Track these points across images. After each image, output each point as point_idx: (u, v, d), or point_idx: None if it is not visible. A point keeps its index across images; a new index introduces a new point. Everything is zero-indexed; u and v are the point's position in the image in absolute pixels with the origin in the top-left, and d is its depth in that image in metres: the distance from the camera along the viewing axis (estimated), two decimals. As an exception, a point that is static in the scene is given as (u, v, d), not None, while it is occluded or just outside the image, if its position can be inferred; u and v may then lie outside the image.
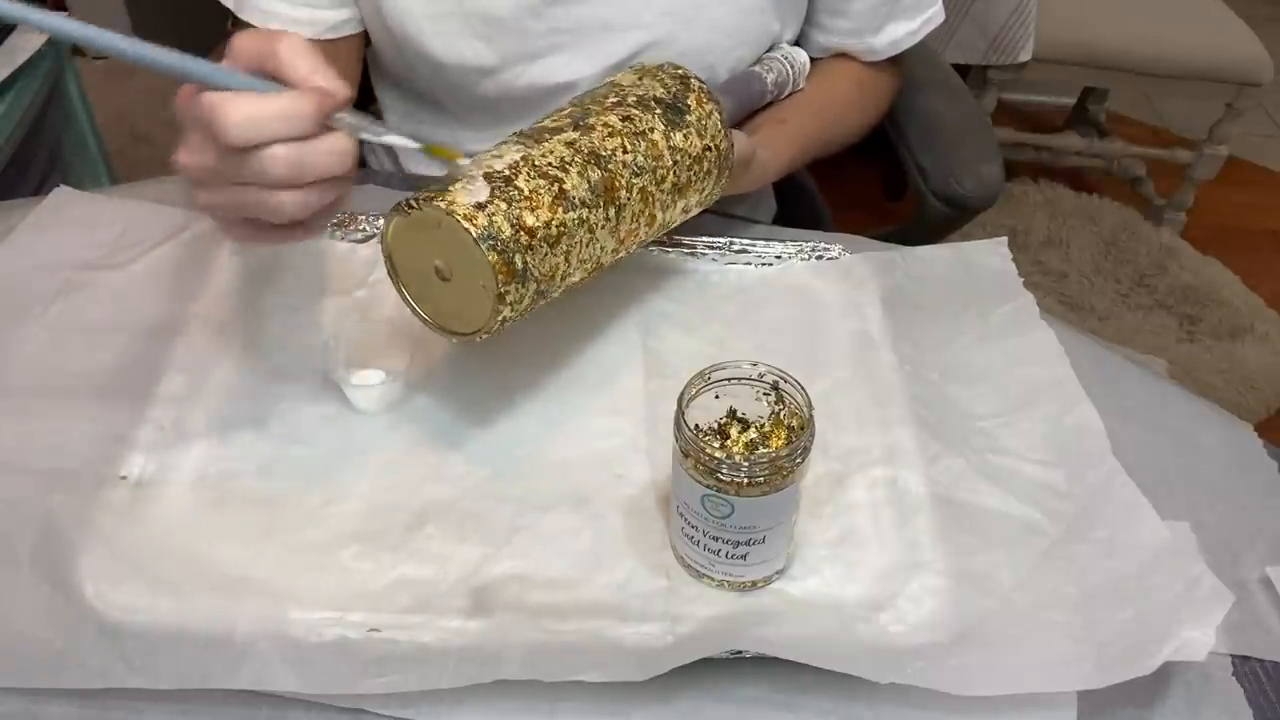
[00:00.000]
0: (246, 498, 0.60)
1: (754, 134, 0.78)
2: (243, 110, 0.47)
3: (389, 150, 0.94)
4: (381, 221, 0.76)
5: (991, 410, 0.67)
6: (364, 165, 0.99)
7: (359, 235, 0.76)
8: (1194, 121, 2.21)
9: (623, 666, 0.52)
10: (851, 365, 0.70)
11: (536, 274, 0.58)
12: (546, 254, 0.58)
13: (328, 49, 0.78)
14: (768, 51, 0.84)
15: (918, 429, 0.65)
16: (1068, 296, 1.90)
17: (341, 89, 0.50)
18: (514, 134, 0.62)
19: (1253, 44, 1.85)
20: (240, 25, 0.79)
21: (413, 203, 0.57)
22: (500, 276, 0.56)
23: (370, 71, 0.91)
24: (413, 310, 0.61)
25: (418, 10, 0.77)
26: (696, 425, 0.55)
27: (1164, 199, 2.11)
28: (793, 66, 0.83)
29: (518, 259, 0.57)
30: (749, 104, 0.81)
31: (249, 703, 0.52)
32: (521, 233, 0.57)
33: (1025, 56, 1.77)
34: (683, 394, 0.54)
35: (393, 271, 0.61)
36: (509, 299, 0.57)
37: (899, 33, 0.85)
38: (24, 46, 1.09)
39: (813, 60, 0.85)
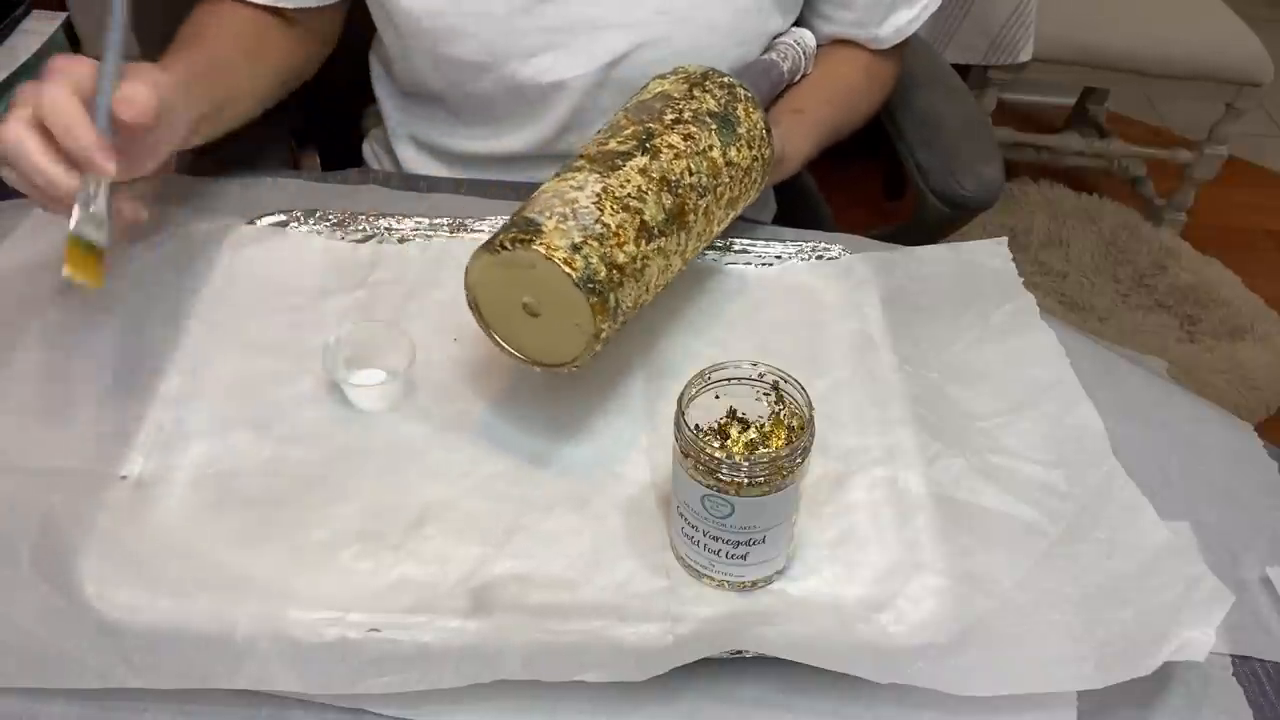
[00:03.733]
0: (246, 498, 0.60)
1: (776, 126, 0.78)
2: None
3: (388, 150, 0.94)
4: (393, 236, 0.76)
5: (991, 410, 0.67)
6: (362, 164, 0.99)
7: (359, 235, 0.76)
8: (1194, 121, 2.20)
9: (623, 666, 0.52)
10: (851, 365, 0.70)
11: (624, 307, 0.59)
12: (632, 287, 0.59)
13: (311, 15, 0.81)
14: (778, 37, 0.84)
15: (918, 429, 0.65)
16: (1068, 296, 1.90)
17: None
18: (582, 158, 0.62)
19: (1253, 44, 1.85)
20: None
21: (505, 243, 0.57)
22: (598, 317, 0.57)
23: (371, 71, 0.91)
24: (495, 343, 0.62)
25: (417, 7, 0.77)
26: (696, 425, 0.55)
27: (1164, 199, 2.11)
28: (804, 52, 0.83)
29: (611, 297, 0.57)
30: (769, 93, 0.81)
31: (249, 703, 0.52)
32: (614, 271, 0.58)
33: (1025, 56, 1.77)
34: (683, 394, 0.54)
35: (475, 306, 0.61)
36: (603, 336, 0.58)
37: (901, 20, 0.85)
38: (24, 46, 1.09)
39: (818, 45, 0.86)
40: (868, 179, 2.13)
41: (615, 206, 0.59)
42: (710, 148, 0.65)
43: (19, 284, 0.71)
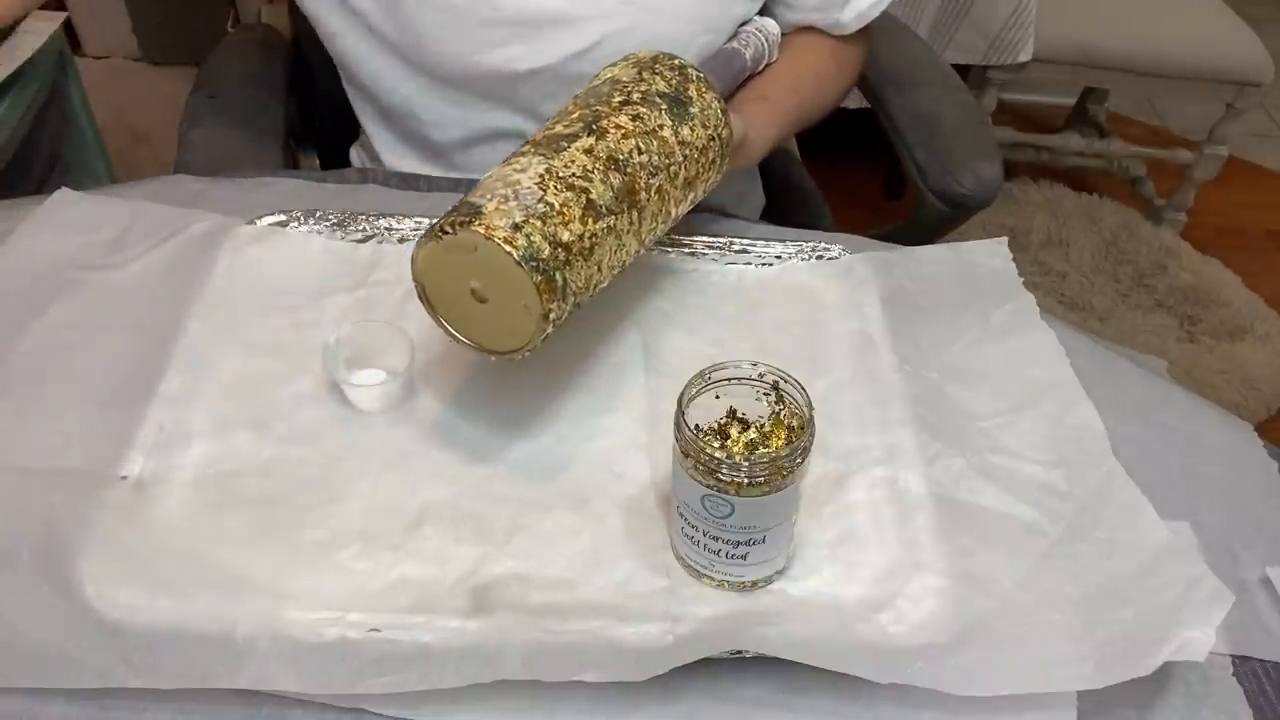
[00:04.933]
0: (246, 498, 0.60)
1: (738, 113, 0.77)
2: None
3: (374, 156, 0.94)
4: (393, 236, 0.76)
5: (991, 410, 0.67)
6: (351, 165, 0.99)
7: (359, 235, 0.76)
8: (1194, 121, 2.21)
9: (623, 666, 0.52)
10: (851, 365, 0.70)
11: (574, 287, 0.59)
12: (581, 266, 0.59)
13: None
14: (742, 25, 0.84)
15: (918, 429, 0.65)
16: (1068, 296, 1.90)
17: None
18: (528, 144, 0.62)
19: (1253, 44, 1.85)
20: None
21: (446, 228, 0.57)
22: (544, 296, 0.56)
23: (349, 96, 0.91)
24: (447, 333, 0.61)
25: None
26: (696, 425, 0.55)
27: (1164, 199, 2.11)
28: (767, 39, 0.83)
29: (558, 276, 0.57)
30: (731, 82, 0.81)
31: (249, 703, 0.52)
32: (559, 249, 0.57)
33: (1025, 57, 1.77)
34: (683, 394, 0.54)
35: (424, 296, 0.61)
36: (552, 316, 0.57)
37: (863, 5, 0.85)
38: (24, 46, 1.09)
39: (782, 34, 0.85)
40: (867, 179, 2.13)
41: (559, 186, 0.58)
42: (661, 127, 0.64)
43: (19, 284, 0.71)
